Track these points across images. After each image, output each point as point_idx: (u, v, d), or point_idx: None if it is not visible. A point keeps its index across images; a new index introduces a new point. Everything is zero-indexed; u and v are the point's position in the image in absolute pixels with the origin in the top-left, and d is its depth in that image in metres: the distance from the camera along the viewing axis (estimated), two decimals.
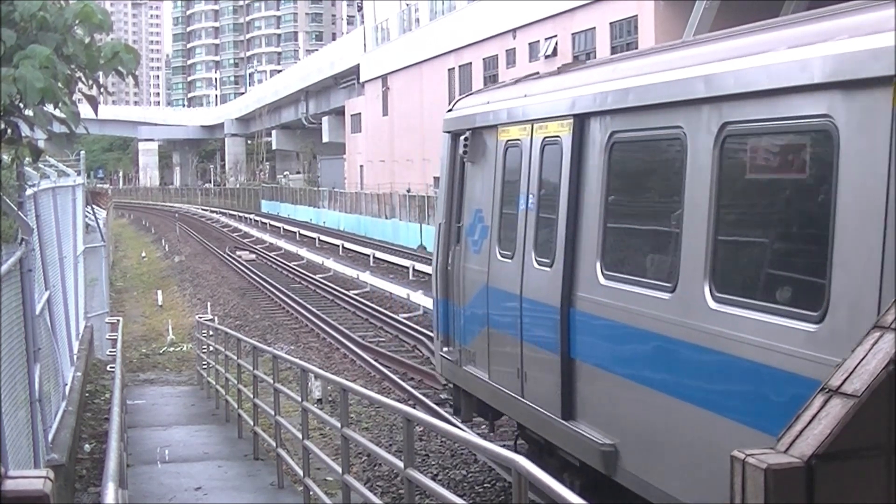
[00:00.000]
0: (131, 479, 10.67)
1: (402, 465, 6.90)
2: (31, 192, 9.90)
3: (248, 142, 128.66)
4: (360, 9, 77.23)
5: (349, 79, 77.77)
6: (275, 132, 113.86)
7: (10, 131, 6.18)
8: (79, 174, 18.61)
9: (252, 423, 12.66)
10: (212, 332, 18.37)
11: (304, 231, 58.97)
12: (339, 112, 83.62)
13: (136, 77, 6.59)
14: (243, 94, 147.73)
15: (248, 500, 10.60)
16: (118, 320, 21.88)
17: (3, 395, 7.01)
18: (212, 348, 17.79)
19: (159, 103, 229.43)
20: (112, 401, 12.40)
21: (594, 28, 36.88)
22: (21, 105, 5.89)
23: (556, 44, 39.87)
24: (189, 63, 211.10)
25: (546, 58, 39.45)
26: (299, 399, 10.41)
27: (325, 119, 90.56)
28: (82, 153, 20.78)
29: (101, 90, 6.58)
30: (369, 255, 42.08)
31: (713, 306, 6.00)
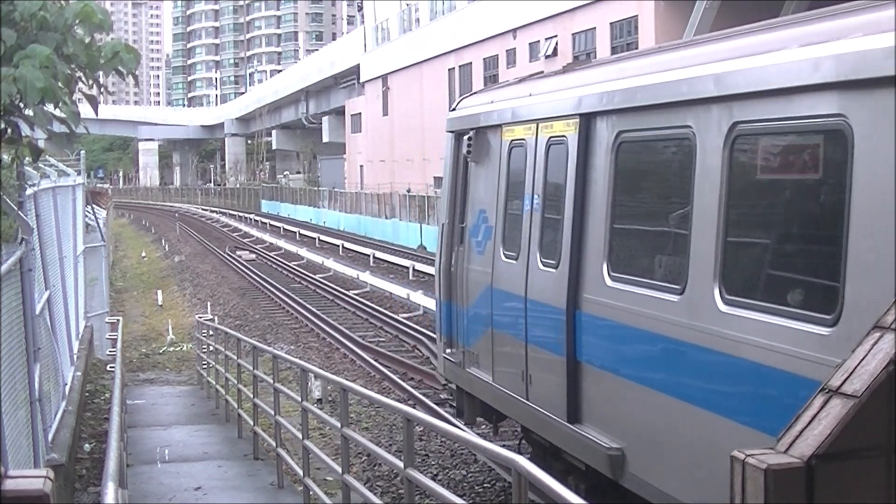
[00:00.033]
0: (131, 479, 10.67)
1: (402, 465, 6.90)
2: (31, 192, 9.90)
3: (249, 142, 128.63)
4: (360, 9, 77.22)
5: (349, 79, 77.77)
6: (275, 132, 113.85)
7: (10, 131, 6.17)
8: (79, 174, 18.60)
9: (252, 423, 12.66)
10: (212, 332, 18.36)
11: (304, 231, 58.95)
12: (340, 112, 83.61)
13: (136, 77, 6.58)
14: (243, 93, 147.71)
15: (247, 500, 10.60)
16: (118, 320, 21.87)
17: (3, 395, 7.01)
18: (212, 348, 17.78)
19: (159, 103, 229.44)
20: (112, 400, 12.39)
21: (594, 28, 36.88)
22: (21, 105, 5.89)
23: (556, 44, 39.88)
24: (189, 63, 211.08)
25: (546, 58, 39.46)
26: (299, 399, 10.41)
27: (325, 119, 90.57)
28: (82, 153, 20.77)
29: (102, 90, 6.57)
30: (369, 255, 42.07)
31: (723, 309, 5.91)
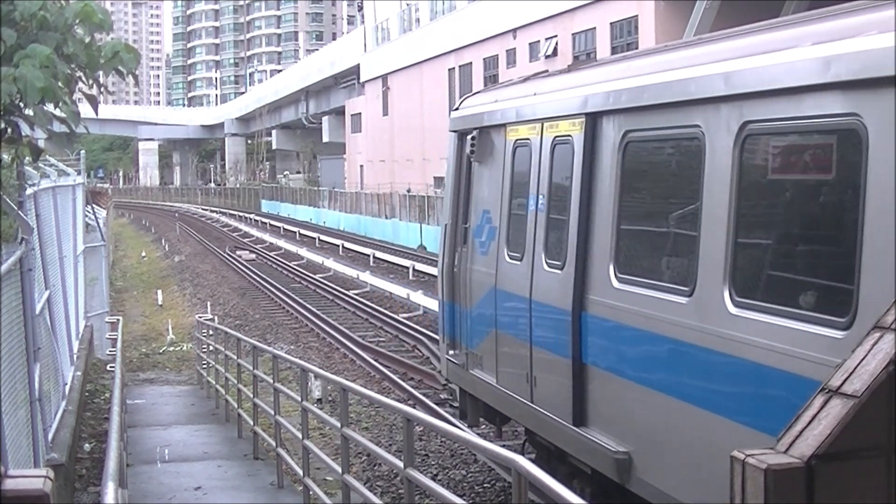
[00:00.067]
0: (131, 479, 10.67)
1: (401, 464, 6.90)
2: (31, 192, 9.90)
3: (249, 141, 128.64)
4: (360, 9, 77.23)
5: (349, 79, 77.79)
6: (275, 132, 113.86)
7: (10, 130, 6.18)
8: (79, 173, 18.60)
9: (252, 423, 12.65)
10: (212, 332, 18.36)
11: (304, 231, 58.96)
12: (340, 112, 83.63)
13: (136, 76, 6.58)
14: (243, 93, 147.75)
15: (247, 500, 10.60)
16: (118, 320, 21.85)
17: (3, 395, 7.01)
18: (212, 348, 17.79)
19: (159, 103, 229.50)
20: (112, 400, 12.39)
21: (594, 28, 36.88)
22: (21, 104, 5.89)
23: (556, 44, 39.89)
24: (189, 62, 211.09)
25: (546, 58, 39.46)
26: (299, 399, 10.41)
27: (325, 119, 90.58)
28: (82, 152, 20.76)
29: (102, 89, 6.57)
30: (369, 255, 42.07)
31: (733, 311, 5.83)
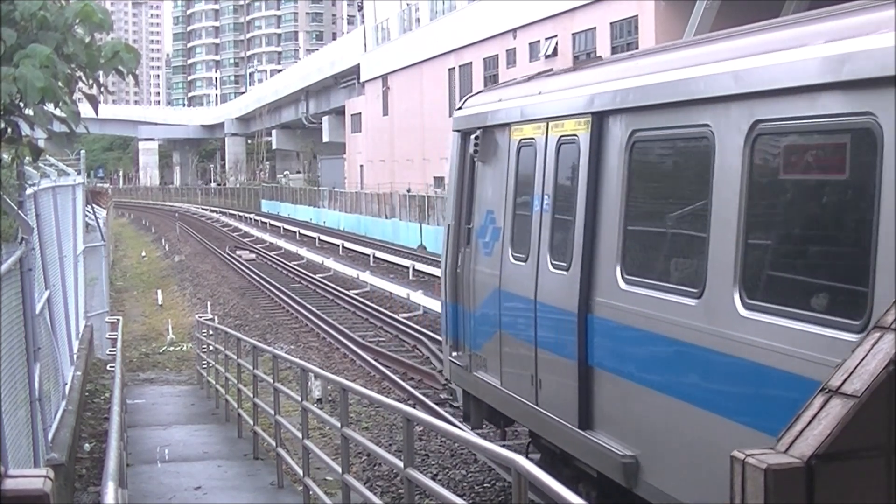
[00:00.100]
0: (131, 479, 10.67)
1: (401, 464, 6.90)
2: (31, 192, 9.90)
3: (249, 141, 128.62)
4: (360, 8, 77.24)
5: (349, 78, 77.78)
6: (275, 132, 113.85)
7: (10, 130, 6.18)
8: (79, 173, 18.61)
9: (252, 423, 12.65)
10: (212, 332, 18.36)
11: (304, 231, 58.96)
12: (340, 112, 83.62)
13: (136, 76, 6.58)
14: (243, 93, 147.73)
15: (247, 500, 10.60)
16: (118, 319, 21.85)
17: (3, 395, 7.01)
18: (212, 348, 17.78)
19: (159, 103, 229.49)
20: (112, 400, 12.39)
21: (594, 28, 36.88)
22: (21, 104, 5.89)
23: (556, 44, 39.89)
24: (189, 62, 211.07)
25: (546, 58, 39.47)
26: (299, 399, 10.41)
27: (325, 119, 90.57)
28: (82, 152, 20.76)
29: (102, 89, 6.57)
30: (369, 255, 42.06)
31: (743, 313, 5.75)
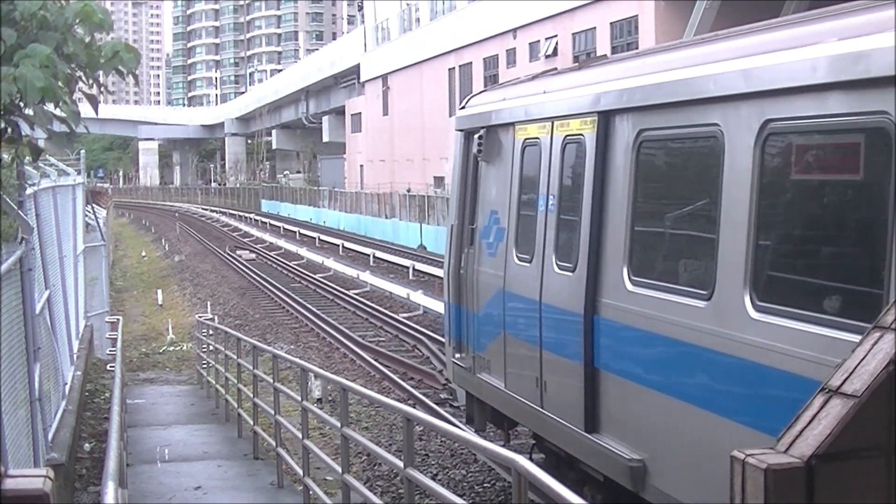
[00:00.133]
0: (131, 479, 10.67)
1: (401, 464, 6.90)
2: (31, 192, 9.90)
3: (249, 141, 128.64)
4: (360, 8, 77.26)
5: (349, 78, 77.80)
6: (275, 132, 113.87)
7: (10, 130, 6.18)
8: (79, 173, 18.61)
9: (252, 423, 12.65)
10: (212, 332, 18.36)
11: (304, 230, 58.96)
12: (340, 112, 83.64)
13: (136, 76, 6.58)
14: (243, 93, 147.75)
15: (247, 500, 10.60)
16: (118, 319, 21.85)
17: (3, 394, 7.01)
18: (212, 348, 17.79)
19: (159, 102, 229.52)
20: (112, 400, 12.39)
21: (594, 28, 36.89)
22: (21, 104, 5.89)
23: (556, 44, 39.90)
24: (189, 62, 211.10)
25: (546, 58, 39.49)
26: (299, 398, 10.41)
27: (325, 119, 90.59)
28: (82, 152, 20.75)
29: (102, 89, 6.57)
30: (369, 255, 42.07)
31: (754, 315, 5.67)
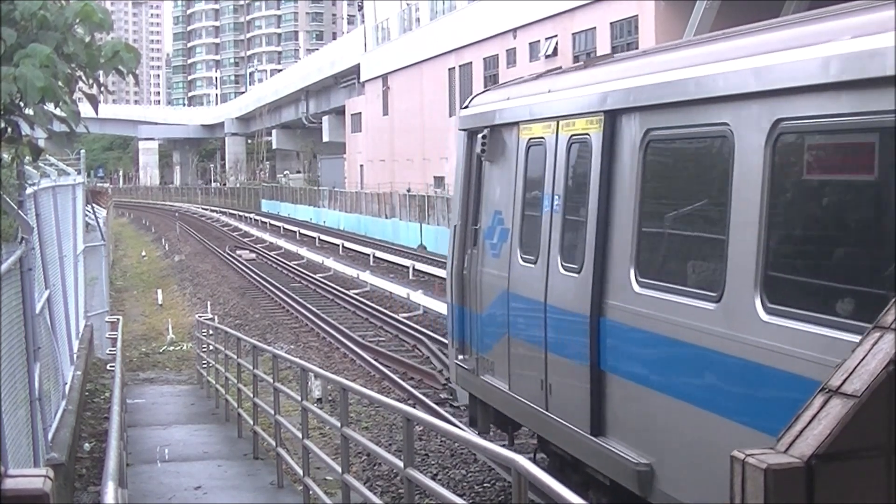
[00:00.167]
0: (131, 479, 10.66)
1: (401, 464, 6.90)
2: (31, 191, 9.90)
3: (249, 141, 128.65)
4: (360, 8, 77.25)
5: (349, 78, 77.80)
6: (275, 131, 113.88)
7: (10, 130, 6.18)
8: (79, 173, 18.60)
9: (252, 423, 12.65)
10: (212, 332, 18.36)
11: (304, 230, 58.96)
12: (340, 111, 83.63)
13: (136, 76, 6.58)
14: (243, 93, 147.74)
15: (247, 500, 10.60)
16: (118, 319, 21.84)
17: (3, 394, 7.01)
18: (212, 347, 17.79)
19: (159, 102, 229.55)
20: (112, 400, 12.39)
21: (594, 28, 36.89)
22: (21, 104, 5.89)
23: (556, 44, 39.91)
24: (189, 62, 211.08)
25: (546, 57, 39.49)
26: (299, 398, 10.41)
27: (325, 118, 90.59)
28: (82, 152, 20.74)
29: (102, 89, 6.57)
30: (369, 255, 42.06)
31: (765, 318, 5.58)
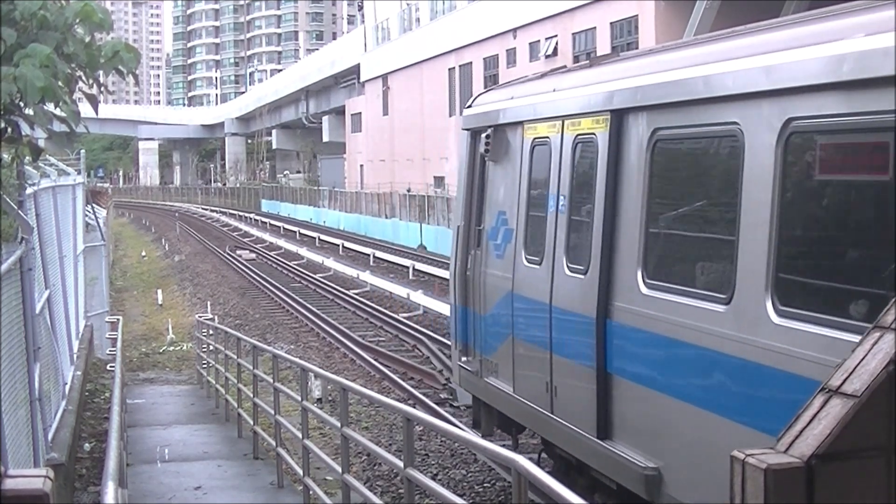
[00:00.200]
0: (131, 479, 10.66)
1: (401, 464, 6.90)
2: (31, 191, 9.90)
3: (249, 141, 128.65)
4: (360, 8, 77.25)
5: (349, 78, 77.80)
6: (275, 131, 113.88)
7: (10, 130, 6.18)
8: (79, 173, 18.60)
9: (252, 423, 12.65)
10: (212, 332, 18.37)
11: (304, 230, 58.96)
12: (340, 111, 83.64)
13: (136, 76, 6.58)
14: (243, 93, 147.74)
15: (247, 500, 10.60)
16: (118, 319, 21.85)
17: (3, 394, 7.01)
18: (212, 347, 17.79)
19: (159, 102, 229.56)
20: (112, 400, 12.39)
21: (594, 28, 36.89)
22: (21, 104, 5.89)
23: (556, 44, 39.91)
24: (189, 62, 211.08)
25: (546, 57, 39.49)
26: (299, 398, 10.41)
27: (325, 118, 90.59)
28: (82, 152, 20.74)
29: (102, 89, 6.57)
30: (369, 255, 42.07)
31: (776, 321, 5.50)
